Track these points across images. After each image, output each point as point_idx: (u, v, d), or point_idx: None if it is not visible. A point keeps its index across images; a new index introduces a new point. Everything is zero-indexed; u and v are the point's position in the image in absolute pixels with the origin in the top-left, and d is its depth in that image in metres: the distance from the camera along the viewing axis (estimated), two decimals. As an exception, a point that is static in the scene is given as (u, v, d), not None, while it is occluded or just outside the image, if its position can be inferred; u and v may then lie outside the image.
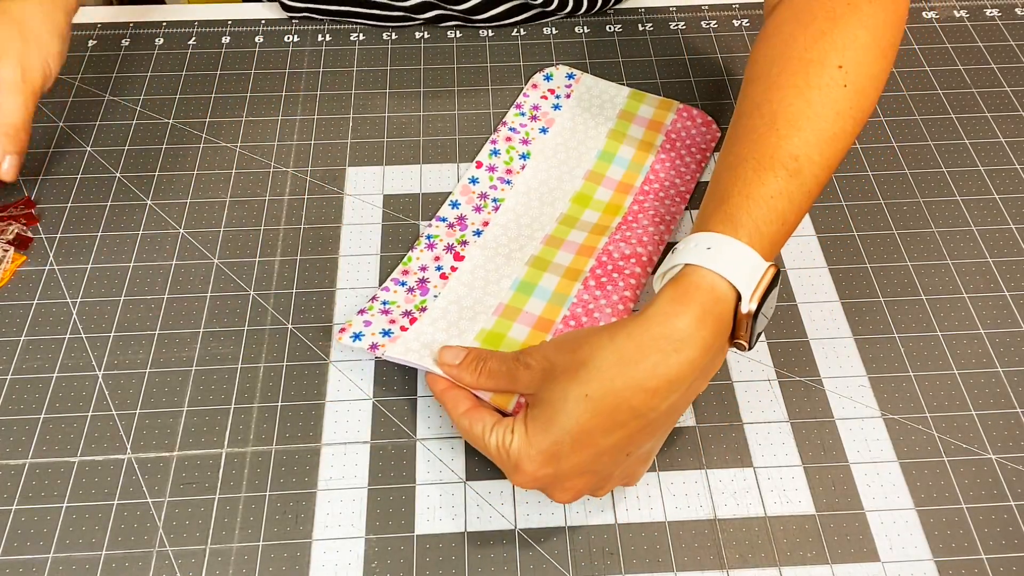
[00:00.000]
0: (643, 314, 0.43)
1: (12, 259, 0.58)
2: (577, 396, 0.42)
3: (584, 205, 0.59)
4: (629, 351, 0.41)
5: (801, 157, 0.46)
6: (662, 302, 0.43)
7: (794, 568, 0.46)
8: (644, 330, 0.42)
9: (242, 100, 0.68)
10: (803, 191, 0.46)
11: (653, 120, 0.64)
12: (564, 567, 0.46)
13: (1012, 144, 0.65)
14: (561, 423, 0.42)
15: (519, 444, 0.43)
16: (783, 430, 0.51)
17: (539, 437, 0.42)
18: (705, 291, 0.42)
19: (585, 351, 0.42)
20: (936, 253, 0.59)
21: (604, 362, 0.41)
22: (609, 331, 0.43)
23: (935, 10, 0.74)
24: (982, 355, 0.54)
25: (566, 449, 0.42)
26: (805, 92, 0.48)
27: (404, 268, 0.57)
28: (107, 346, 0.54)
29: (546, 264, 0.56)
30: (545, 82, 0.67)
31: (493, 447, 0.44)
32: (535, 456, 0.42)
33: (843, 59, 0.49)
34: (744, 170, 0.46)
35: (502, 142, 0.63)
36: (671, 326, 0.42)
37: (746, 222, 0.44)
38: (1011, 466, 0.49)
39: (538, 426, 0.43)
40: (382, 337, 0.52)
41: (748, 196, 0.45)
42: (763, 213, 0.45)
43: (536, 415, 0.43)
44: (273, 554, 0.46)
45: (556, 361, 0.43)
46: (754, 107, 0.49)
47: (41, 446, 0.50)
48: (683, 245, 0.45)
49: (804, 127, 0.47)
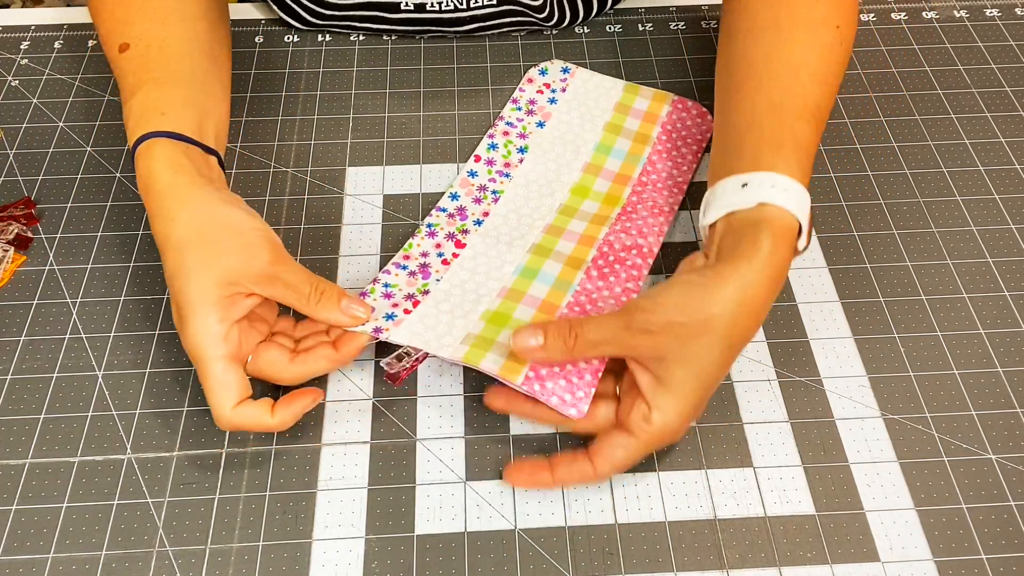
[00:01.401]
0: (752, 256, 0.45)
1: (12, 259, 0.58)
2: (723, 348, 0.45)
3: (583, 196, 0.60)
4: (757, 299, 0.45)
5: (822, 108, 0.52)
6: (767, 243, 0.46)
7: (794, 568, 0.46)
8: (764, 275, 0.45)
9: (242, 100, 0.68)
10: (819, 139, 0.52)
11: (648, 112, 0.65)
12: (564, 567, 0.46)
13: (1012, 144, 0.65)
14: (709, 373, 0.46)
15: (672, 410, 0.46)
16: (783, 430, 0.51)
17: (690, 395, 0.46)
18: (792, 231, 0.47)
19: (718, 307, 0.45)
20: (936, 253, 0.59)
21: (739, 312, 0.45)
22: (731, 283, 0.45)
23: (935, 10, 0.74)
24: (982, 355, 0.54)
25: (710, 392, 0.47)
26: (818, 48, 0.53)
27: (405, 253, 0.57)
28: (107, 346, 0.54)
29: (548, 252, 0.56)
30: (540, 77, 0.68)
31: (640, 445, 0.46)
32: (691, 411, 0.46)
33: (840, 20, 0.54)
34: (787, 117, 0.50)
35: (499, 136, 0.63)
36: (779, 266, 0.46)
37: (800, 168, 0.49)
38: (1011, 466, 0.49)
39: (686, 385, 0.45)
40: (386, 321, 0.52)
41: (797, 143, 0.50)
42: (805, 160, 0.50)
43: (679, 376, 0.45)
44: (273, 554, 0.46)
45: (687, 321, 0.45)
46: (771, 56, 0.53)
47: (41, 446, 0.50)
48: (754, 183, 0.48)
49: (822, 81, 0.52)
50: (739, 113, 0.52)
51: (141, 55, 0.54)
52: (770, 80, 0.52)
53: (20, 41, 0.72)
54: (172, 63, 0.54)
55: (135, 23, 0.55)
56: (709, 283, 0.45)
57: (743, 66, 0.54)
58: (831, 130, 0.65)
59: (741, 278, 0.45)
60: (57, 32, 0.73)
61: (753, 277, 0.45)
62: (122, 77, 0.55)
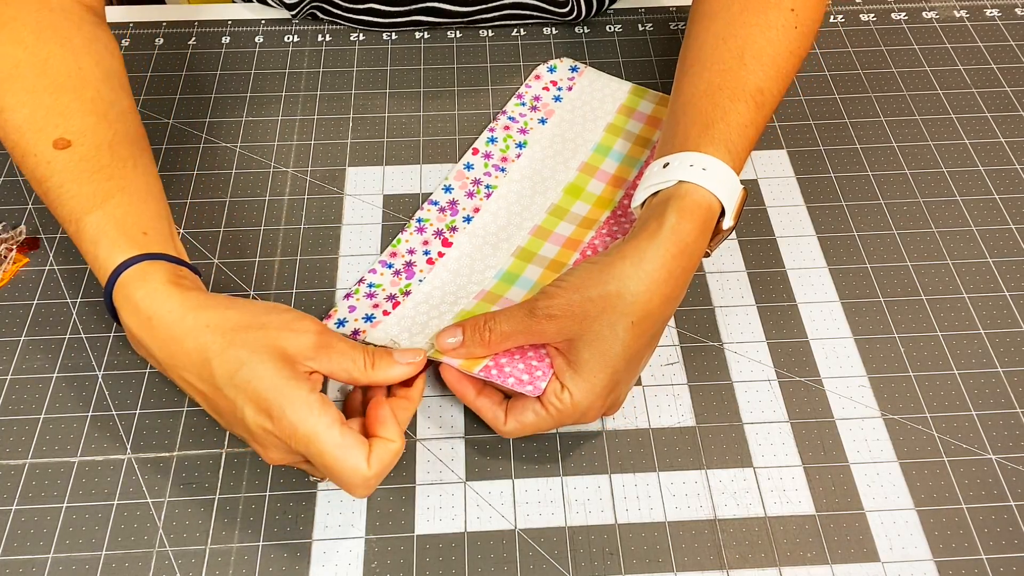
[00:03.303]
0: (655, 232, 0.46)
1: (15, 259, 0.58)
2: (625, 325, 0.45)
3: (575, 197, 0.60)
4: (656, 272, 0.45)
5: (765, 91, 0.52)
6: (672, 218, 0.46)
7: (794, 568, 0.46)
8: (664, 249, 0.45)
9: (242, 100, 0.68)
10: (763, 121, 0.52)
11: (652, 116, 0.65)
12: (564, 567, 0.46)
13: (1012, 144, 0.65)
14: (615, 352, 0.45)
15: (581, 391, 0.46)
16: (783, 430, 0.51)
17: (598, 375, 0.46)
18: (704, 208, 0.47)
19: (614, 284, 0.45)
20: (936, 253, 0.59)
21: (638, 289, 0.45)
22: (628, 258, 0.45)
23: (935, 10, 0.74)
24: (982, 355, 0.54)
25: (621, 374, 0.46)
26: (766, 31, 0.53)
27: (392, 250, 0.57)
28: (107, 346, 0.54)
29: (531, 256, 0.56)
30: (548, 74, 0.68)
31: (547, 417, 0.46)
32: (600, 391, 0.46)
33: (795, 3, 0.54)
34: (721, 99, 0.51)
35: (500, 130, 0.64)
36: (683, 241, 0.46)
37: (729, 148, 0.49)
38: (1011, 466, 0.49)
39: (593, 365, 0.45)
40: (364, 323, 0.52)
41: (728, 124, 0.50)
42: (739, 140, 0.50)
43: (585, 357, 0.45)
44: (273, 554, 0.46)
45: (586, 302, 0.45)
46: (719, 39, 0.53)
47: (41, 446, 0.50)
48: (676, 162, 0.48)
49: (767, 64, 0.52)
50: (680, 96, 0.53)
51: (91, 157, 0.48)
52: (713, 63, 0.53)
53: (20, 41, 0.72)
54: (128, 169, 0.49)
55: (72, 116, 0.49)
56: (606, 262, 0.46)
57: (693, 50, 0.55)
58: (831, 130, 0.66)
59: (639, 253, 0.45)
60: (57, 32, 0.73)
61: (653, 252, 0.45)
62: (66, 179, 0.48)
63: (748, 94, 0.51)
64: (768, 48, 0.53)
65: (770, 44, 0.53)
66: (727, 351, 0.54)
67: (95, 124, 0.49)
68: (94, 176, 0.48)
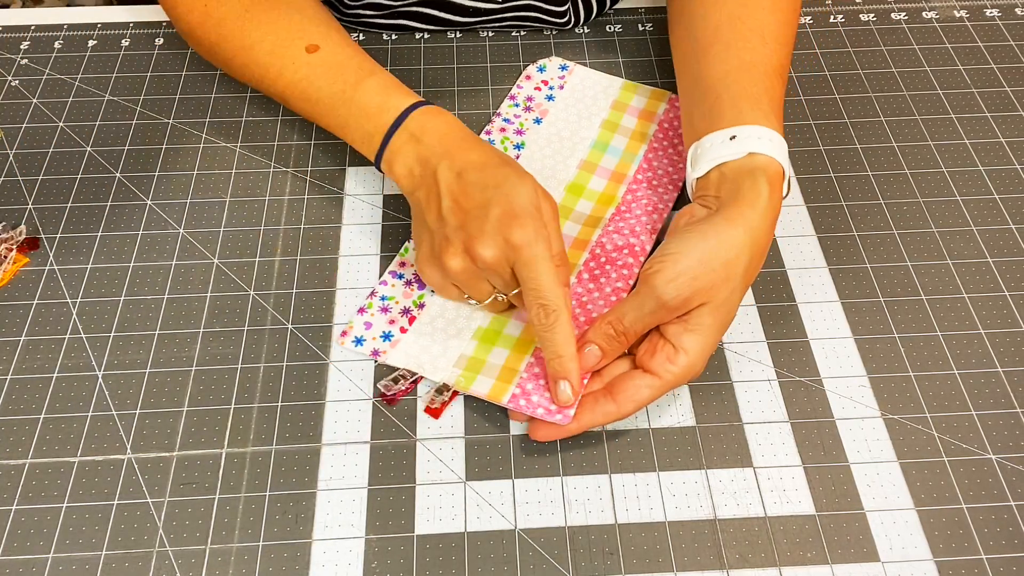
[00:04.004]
0: (754, 201, 0.49)
1: (15, 260, 0.58)
2: (741, 288, 0.49)
3: (578, 195, 0.60)
4: (763, 238, 0.50)
5: (785, 68, 0.57)
6: (765, 188, 0.50)
7: (794, 568, 0.46)
8: (765, 217, 0.49)
9: (242, 100, 0.68)
10: (784, 95, 0.56)
11: (645, 110, 0.65)
12: (564, 567, 0.46)
13: (1012, 144, 0.65)
14: (731, 312, 0.49)
15: (699, 350, 0.48)
16: (783, 430, 0.51)
17: (716, 334, 0.49)
18: (779, 176, 0.51)
19: (734, 252, 0.48)
20: (936, 253, 0.59)
21: (752, 253, 0.49)
22: (740, 227, 0.49)
23: (935, 10, 0.74)
24: (982, 355, 0.54)
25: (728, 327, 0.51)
26: (776, 13, 0.57)
27: (401, 259, 0.57)
28: (107, 346, 0.54)
29: None
30: (539, 73, 0.68)
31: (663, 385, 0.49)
32: (713, 347, 0.50)
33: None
34: (757, 75, 0.54)
35: (496, 133, 0.64)
36: (776, 209, 0.50)
37: (777, 120, 0.53)
38: (1011, 466, 0.49)
39: (712, 328, 0.48)
40: (383, 342, 0.52)
41: (772, 99, 0.54)
42: (780, 112, 0.54)
43: (708, 322, 0.48)
44: (273, 554, 0.46)
45: (711, 273, 0.48)
46: (735, 19, 0.57)
47: (41, 446, 0.50)
48: (743, 135, 0.51)
49: (784, 42, 0.57)
50: (710, 71, 0.55)
51: (340, 51, 0.58)
52: (736, 41, 0.56)
53: (20, 41, 0.72)
54: (366, 60, 0.58)
55: (308, 29, 0.59)
56: (720, 230, 0.49)
57: (708, 30, 0.57)
58: (831, 130, 0.66)
59: (748, 221, 0.49)
60: (57, 32, 0.73)
61: (758, 220, 0.49)
62: (331, 67, 0.57)
63: (775, 71, 0.55)
64: (782, 29, 0.57)
65: (781, 24, 0.57)
66: (727, 351, 0.54)
67: (327, 30, 0.59)
68: (351, 61, 0.58)
